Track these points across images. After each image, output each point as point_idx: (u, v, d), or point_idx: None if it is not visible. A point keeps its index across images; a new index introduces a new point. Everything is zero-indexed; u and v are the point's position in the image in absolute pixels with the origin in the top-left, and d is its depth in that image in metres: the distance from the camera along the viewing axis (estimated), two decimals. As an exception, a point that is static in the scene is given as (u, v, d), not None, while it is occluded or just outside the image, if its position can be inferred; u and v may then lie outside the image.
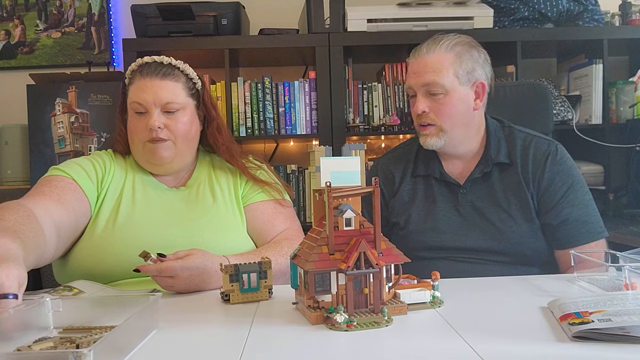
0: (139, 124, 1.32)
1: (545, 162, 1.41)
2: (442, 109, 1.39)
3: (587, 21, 2.44)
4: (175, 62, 1.35)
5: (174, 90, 1.33)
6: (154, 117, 1.30)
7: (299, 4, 2.49)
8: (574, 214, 1.37)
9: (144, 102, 1.31)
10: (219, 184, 1.41)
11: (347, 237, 0.91)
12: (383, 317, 0.88)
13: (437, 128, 1.41)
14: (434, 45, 1.40)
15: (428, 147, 1.44)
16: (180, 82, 1.35)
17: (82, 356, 0.62)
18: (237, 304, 1.04)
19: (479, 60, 1.42)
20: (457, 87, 1.38)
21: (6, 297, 0.79)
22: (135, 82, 1.34)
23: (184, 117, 1.34)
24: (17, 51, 2.76)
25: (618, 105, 2.46)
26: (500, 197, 1.42)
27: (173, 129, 1.32)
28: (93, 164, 1.36)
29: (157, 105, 1.31)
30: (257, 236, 1.38)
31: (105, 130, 2.37)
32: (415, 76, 1.41)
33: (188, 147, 1.38)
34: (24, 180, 2.45)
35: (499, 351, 0.75)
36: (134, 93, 1.33)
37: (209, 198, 1.38)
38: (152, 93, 1.30)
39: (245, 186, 1.43)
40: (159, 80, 1.32)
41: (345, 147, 2.23)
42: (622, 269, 1.02)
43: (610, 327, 0.76)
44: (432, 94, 1.39)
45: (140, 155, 1.37)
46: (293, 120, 2.42)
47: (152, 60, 1.34)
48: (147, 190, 1.37)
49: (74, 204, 1.25)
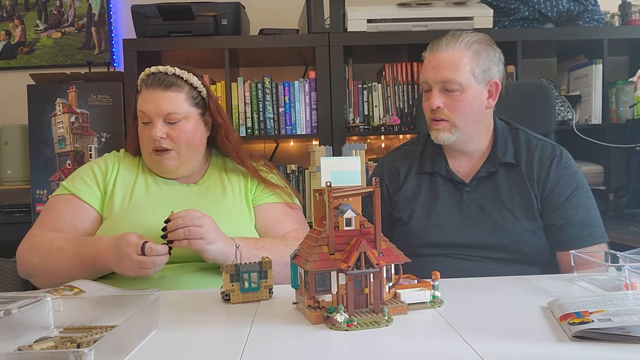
0: (145, 133, 1.39)
1: (551, 164, 1.41)
2: (457, 106, 1.39)
3: (587, 21, 2.44)
4: (179, 72, 1.39)
5: (175, 101, 1.37)
6: (157, 127, 1.36)
7: (299, 4, 2.49)
8: (578, 217, 1.38)
9: (147, 113, 1.37)
10: (230, 183, 1.47)
11: (347, 237, 0.91)
12: (383, 317, 0.88)
13: (450, 124, 1.41)
14: (453, 41, 1.39)
15: (439, 141, 1.44)
16: (183, 92, 1.38)
17: (82, 356, 0.62)
18: (237, 304, 1.04)
19: (494, 59, 1.42)
20: (472, 84, 1.38)
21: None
22: (142, 92, 1.40)
23: (186, 125, 1.38)
24: (17, 51, 2.76)
25: (618, 105, 2.46)
26: (504, 196, 1.42)
27: (175, 138, 1.37)
28: (93, 169, 1.45)
29: (160, 116, 1.36)
30: (266, 235, 1.42)
31: (105, 130, 2.37)
32: (433, 71, 1.40)
33: (193, 154, 1.43)
34: (24, 180, 2.45)
35: (499, 351, 0.75)
36: (140, 103, 1.39)
37: (219, 193, 1.44)
38: (154, 104, 1.36)
39: (256, 189, 1.48)
40: (161, 92, 1.36)
41: (345, 147, 2.23)
42: (622, 269, 1.02)
43: (610, 327, 0.76)
44: (447, 90, 1.39)
45: (149, 162, 1.45)
46: (293, 120, 2.42)
47: (157, 71, 1.39)
48: (159, 185, 1.44)
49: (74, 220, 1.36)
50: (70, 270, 1.24)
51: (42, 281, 1.30)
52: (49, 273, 1.27)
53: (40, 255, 1.28)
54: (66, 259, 1.25)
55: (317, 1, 2.32)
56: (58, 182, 2.34)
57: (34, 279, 1.33)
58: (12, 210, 2.41)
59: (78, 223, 1.36)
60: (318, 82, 2.37)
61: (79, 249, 1.25)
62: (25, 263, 1.30)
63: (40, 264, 1.27)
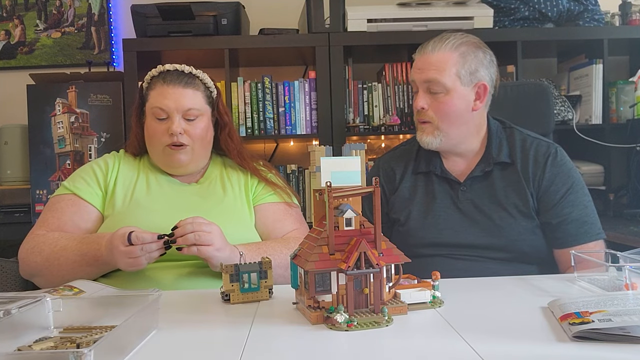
0: (159, 128, 1.39)
1: (546, 163, 1.41)
2: (440, 107, 1.40)
3: (588, 21, 2.43)
4: (195, 71, 1.43)
5: (194, 98, 1.40)
6: (176, 122, 1.37)
7: (299, 4, 2.49)
8: (574, 214, 1.38)
9: (166, 108, 1.38)
10: (230, 181, 1.48)
11: (347, 237, 0.91)
12: (383, 317, 0.88)
13: (433, 126, 1.42)
14: (440, 43, 1.40)
15: (424, 145, 1.45)
16: (199, 91, 1.42)
17: (82, 356, 0.62)
18: (237, 304, 1.04)
19: (484, 61, 1.42)
20: (458, 87, 1.39)
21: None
22: (156, 88, 1.40)
23: (201, 123, 1.42)
24: (17, 51, 2.76)
25: (618, 105, 2.46)
26: (500, 195, 1.42)
27: (192, 135, 1.40)
28: (93, 169, 1.45)
29: (179, 112, 1.38)
30: (267, 234, 1.43)
31: (105, 130, 2.37)
32: (419, 72, 1.41)
33: (204, 151, 1.45)
34: (24, 180, 2.45)
35: (499, 351, 0.75)
36: (156, 99, 1.39)
37: (220, 192, 1.44)
38: (174, 100, 1.38)
39: (257, 187, 1.49)
40: (181, 89, 1.39)
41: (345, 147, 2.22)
42: (622, 269, 1.02)
43: (610, 327, 0.76)
44: (432, 92, 1.40)
45: (159, 157, 1.44)
46: (293, 120, 2.42)
47: (173, 69, 1.42)
48: (161, 183, 1.45)
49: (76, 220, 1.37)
50: (73, 268, 1.25)
51: (46, 281, 1.30)
52: (52, 272, 1.27)
53: (43, 254, 1.28)
54: (69, 257, 1.25)
55: (317, 1, 2.32)
56: (58, 182, 2.34)
57: (37, 279, 1.33)
58: (12, 210, 2.41)
59: (80, 222, 1.37)
60: (318, 82, 2.37)
61: (81, 246, 1.25)
62: (28, 263, 1.30)
63: (44, 263, 1.27)
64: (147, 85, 1.43)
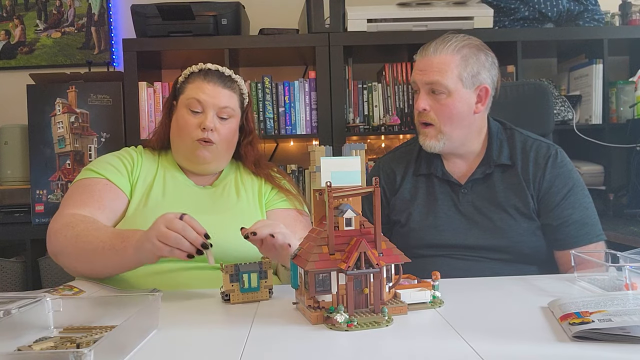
0: (192, 121, 1.40)
1: (546, 164, 1.41)
2: (442, 110, 1.39)
3: (587, 21, 2.43)
4: (234, 76, 1.47)
5: (230, 99, 1.44)
6: (210, 117, 1.39)
7: (299, 4, 2.49)
8: (575, 216, 1.38)
9: (203, 102, 1.40)
10: (244, 186, 1.49)
11: (347, 237, 0.91)
12: (383, 317, 0.88)
13: (436, 129, 1.42)
14: (442, 45, 1.40)
15: (427, 149, 1.45)
16: (236, 94, 1.46)
17: (82, 356, 0.62)
18: (237, 304, 1.04)
19: (485, 64, 1.41)
20: (460, 89, 1.38)
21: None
22: (196, 82, 1.43)
23: (231, 124, 1.45)
24: (17, 51, 2.76)
25: (618, 105, 2.46)
26: (500, 197, 1.42)
27: (221, 134, 1.42)
28: (121, 159, 1.44)
29: (215, 108, 1.41)
30: None
31: (105, 130, 2.37)
32: (421, 73, 1.41)
33: (227, 153, 1.47)
34: (24, 180, 2.45)
35: (499, 351, 0.75)
36: (194, 91, 1.41)
37: (233, 196, 1.45)
38: (212, 95, 1.41)
39: (270, 193, 1.50)
40: (220, 87, 1.43)
41: (345, 147, 2.22)
42: (622, 269, 1.02)
43: (610, 327, 0.76)
44: (434, 93, 1.39)
45: (185, 151, 1.44)
46: (293, 120, 2.42)
47: (215, 68, 1.45)
48: (177, 184, 1.45)
49: (112, 204, 1.35)
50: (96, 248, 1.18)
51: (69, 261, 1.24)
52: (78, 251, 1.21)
53: (76, 229, 1.22)
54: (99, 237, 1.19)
55: (317, 1, 2.32)
56: (58, 182, 2.34)
57: (61, 258, 1.26)
58: (12, 210, 2.40)
59: (116, 207, 1.34)
60: (318, 82, 2.36)
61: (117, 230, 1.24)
62: (58, 237, 1.24)
63: (74, 238, 1.21)
64: (185, 80, 1.45)
